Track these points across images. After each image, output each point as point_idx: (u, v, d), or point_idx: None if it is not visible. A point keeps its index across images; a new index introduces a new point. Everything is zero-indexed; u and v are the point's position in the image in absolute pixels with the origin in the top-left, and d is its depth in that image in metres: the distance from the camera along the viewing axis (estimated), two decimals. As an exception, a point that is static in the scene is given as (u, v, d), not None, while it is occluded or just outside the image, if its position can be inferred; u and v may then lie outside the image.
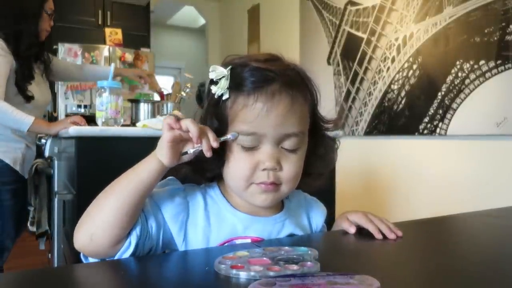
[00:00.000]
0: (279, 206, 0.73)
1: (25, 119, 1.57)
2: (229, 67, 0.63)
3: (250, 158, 0.63)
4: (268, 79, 0.62)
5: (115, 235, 0.57)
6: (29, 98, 1.70)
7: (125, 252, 0.59)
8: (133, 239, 0.59)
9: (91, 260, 0.59)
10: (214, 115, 0.66)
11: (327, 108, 0.76)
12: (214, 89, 0.64)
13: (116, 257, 0.59)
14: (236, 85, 0.63)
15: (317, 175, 0.73)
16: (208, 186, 0.71)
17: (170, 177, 0.68)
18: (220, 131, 0.63)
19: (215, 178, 0.71)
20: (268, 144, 0.63)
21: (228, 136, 0.61)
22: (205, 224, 0.65)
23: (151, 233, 0.61)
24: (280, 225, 0.70)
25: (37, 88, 1.76)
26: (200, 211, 0.66)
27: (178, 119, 0.58)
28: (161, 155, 0.58)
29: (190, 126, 0.57)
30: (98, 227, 0.57)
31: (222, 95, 0.63)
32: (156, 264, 0.52)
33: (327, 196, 0.85)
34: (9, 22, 1.67)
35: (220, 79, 0.64)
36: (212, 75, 0.64)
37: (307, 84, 0.68)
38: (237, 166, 0.64)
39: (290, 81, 0.63)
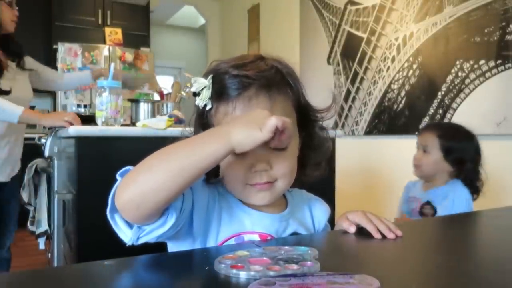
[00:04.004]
0: (283, 204, 0.74)
1: (14, 109, 1.53)
2: (210, 77, 0.65)
3: (241, 162, 0.64)
4: (244, 85, 0.63)
5: (161, 209, 0.56)
6: (2, 92, 1.61)
7: (164, 225, 0.58)
8: (171, 215, 0.58)
9: (117, 218, 0.58)
10: (201, 125, 0.68)
11: (325, 99, 0.76)
12: (197, 100, 0.66)
13: (154, 227, 0.58)
14: (216, 95, 0.65)
15: (314, 165, 0.74)
16: (216, 181, 0.72)
17: None
18: None
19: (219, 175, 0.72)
20: (256, 147, 0.63)
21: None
22: (217, 217, 0.67)
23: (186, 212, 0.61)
24: (286, 223, 0.71)
25: (14, 83, 1.70)
26: (214, 204, 0.68)
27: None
28: (244, 139, 0.54)
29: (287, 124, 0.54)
30: (148, 200, 0.54)
31: (205, 105, 0.66)
32: (156, 263, 0.52)
33: (327, 195, 0.85)
34: None
35: (201, 90, 0.65)
36: (194, 88, 0.66)
37: (288, 80, 0.68)
38: (230, 171, 0.65)
39: (268, 82, 0.64)
